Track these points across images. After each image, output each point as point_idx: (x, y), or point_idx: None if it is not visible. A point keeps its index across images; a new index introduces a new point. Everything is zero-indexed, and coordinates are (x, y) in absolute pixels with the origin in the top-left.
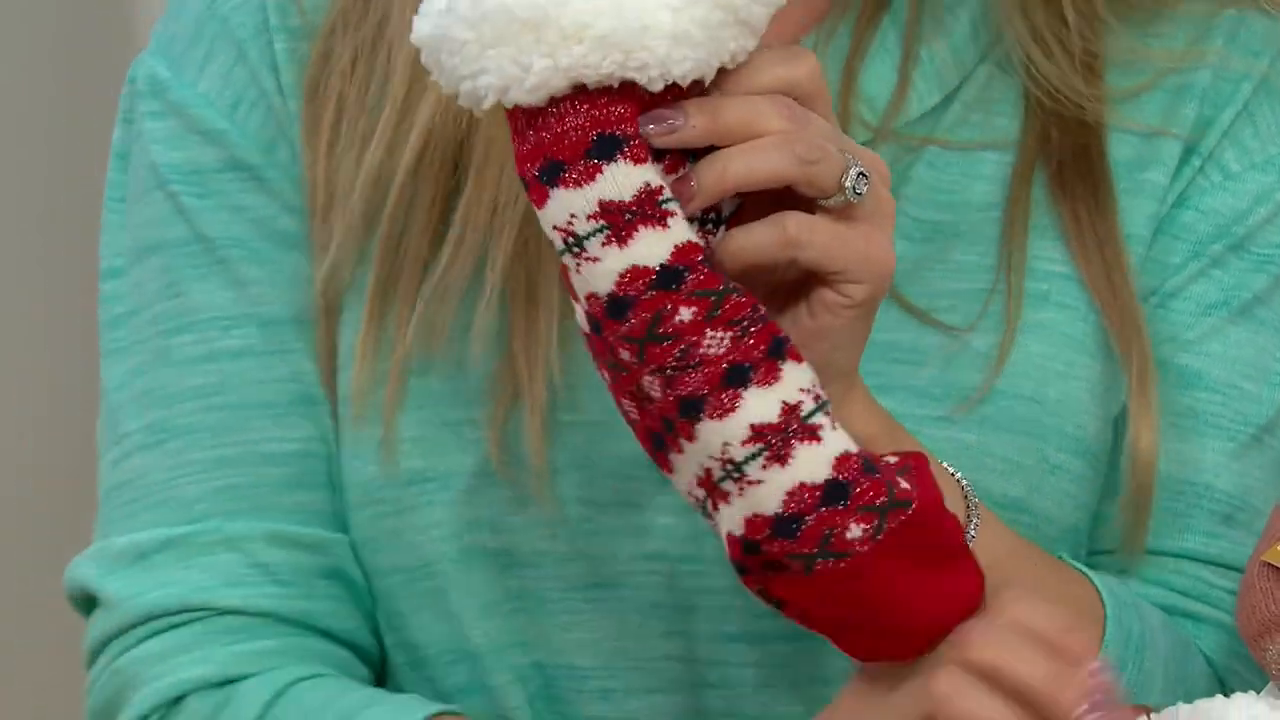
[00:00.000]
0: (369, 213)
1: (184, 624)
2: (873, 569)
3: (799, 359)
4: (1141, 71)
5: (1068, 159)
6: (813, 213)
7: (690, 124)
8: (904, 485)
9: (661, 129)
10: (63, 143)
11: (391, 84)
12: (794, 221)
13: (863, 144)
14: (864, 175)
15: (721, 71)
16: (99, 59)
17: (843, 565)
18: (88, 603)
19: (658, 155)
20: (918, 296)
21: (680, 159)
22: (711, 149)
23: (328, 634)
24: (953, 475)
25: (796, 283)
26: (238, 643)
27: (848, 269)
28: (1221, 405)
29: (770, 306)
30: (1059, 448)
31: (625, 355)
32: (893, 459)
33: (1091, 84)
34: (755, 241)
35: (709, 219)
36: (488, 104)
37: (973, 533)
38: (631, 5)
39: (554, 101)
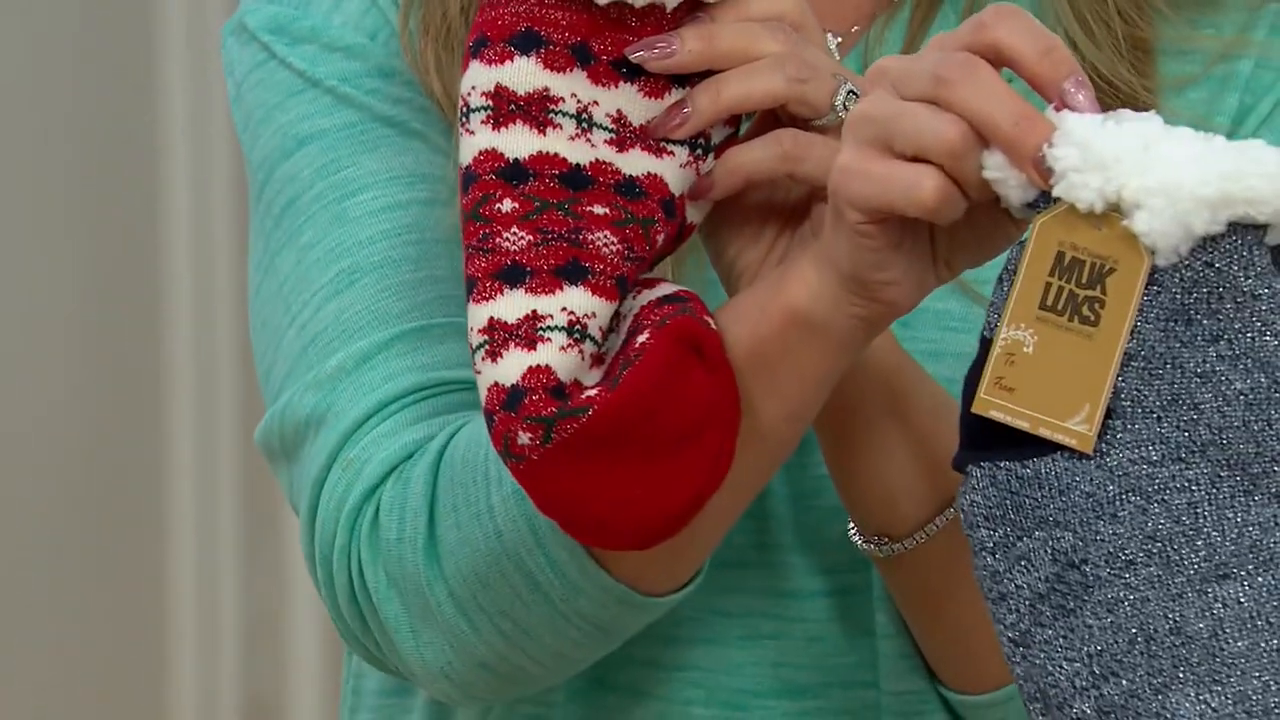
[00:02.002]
0: None
1: (417, 402)
2: (545, 473)
3: (599, 294)
4: (1192, 60)
5: None
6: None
7: (686, 49)
8: (589, 394)
9: (657, 54)
10: (79, 141)
11: None
12: (790, 137)
13: None
14: (854, 94)
15: (706, 5)
16: (118, 59)
17: (521, 467)
18: (301, 437)
19: (631, 77)
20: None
21: (665, 84)
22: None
23: None
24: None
25: (800, 204)
26: (469, 407)
27: None
28: None
29: (774, 228)
30: None
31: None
32: (645, 336)
33: (1142, 72)
34: (753, 157)
35: (699, 144)
36: None
37: None
38: None
39: None
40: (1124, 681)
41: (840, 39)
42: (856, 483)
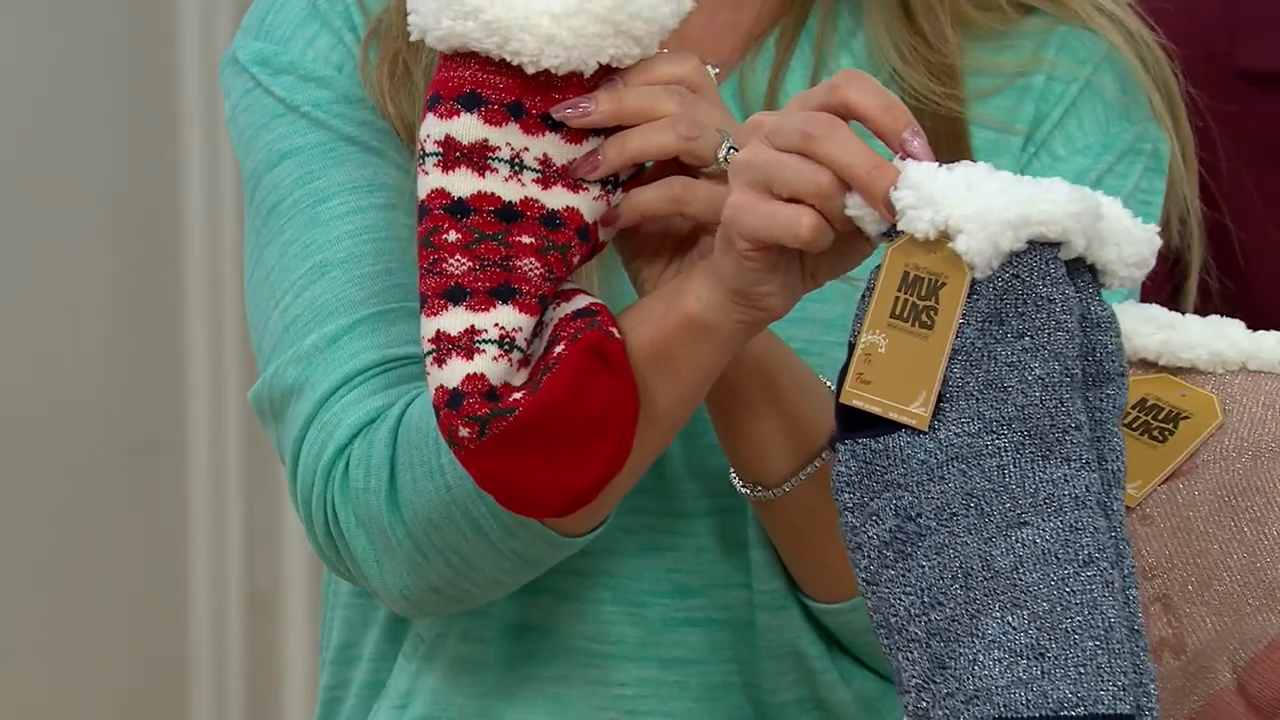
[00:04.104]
0: None
1: (376, 375)
2: (481, 459)
3: (525, 311)
4: (994, 76)
5: (939, 148)
6: (696, 178)
7: (599, 109)
8: (515, 397)
9: (576, 112)
10: (113, 153)
11: None
12: (680, 183)
13: None
14: (734, 149)
15: (619, 70)
16: (143, 85)
17: (461, 453)
18: (285, 402)
19: (555, 127)
20: None
21: (583, 133)
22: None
23: None
24: (827, 386)
25: (690, 234)
26: (418, 379)
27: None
28: None
29: (668, 250)
30: None
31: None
32: (560, 346)
33: (949, 86)
34: (649, 198)
35: (609, 183)
36: (414, 38)
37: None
38: (522, 4)
39: (457, 53)
40: (947, 609)
41: (718, 69)
42: (735, 443)
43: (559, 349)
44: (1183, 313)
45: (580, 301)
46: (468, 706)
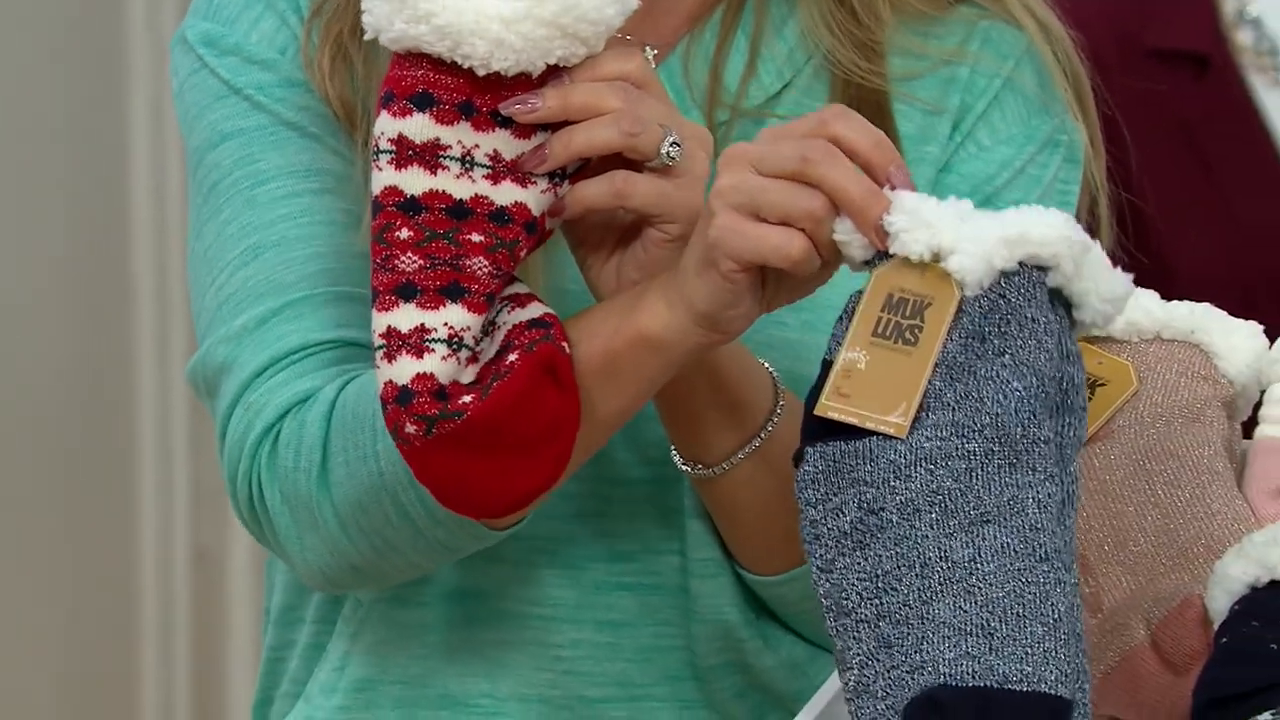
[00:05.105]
0: None
1: (302, 358)
2: (426, 458)
3: (474, 310)
4: (920, 60)
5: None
6: (640, 172)
7: (546, 105)
8: (465, 400)
9: (524, 108)
10: (61, 133)
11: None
12: (621, 177)
13: (724, 120)
14: (677, 144)
15: (566, 67)
16: (91, 73)
17: (406, 449)
18: (217, 380)
19: (505, 123)
20: None
21: (532, 128)
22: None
23: None
24: (765, 368)
25: (634, 227)
26: (344, 362)
27: (664, 213)
28: None
29: (611, 240)
30: None
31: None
32: (514, 356)
33: (873, 62)
34: (592, 192)
35: (557, 175)
36: (368, 37)
37: (779, 412)
38: (472, 9)
39: (409, 54)
40: (900, 594)
41: (656, 50)
42: (677, 423)
43: (512, 358)
44: None
45: (534, 310)
46: (409, 668)
